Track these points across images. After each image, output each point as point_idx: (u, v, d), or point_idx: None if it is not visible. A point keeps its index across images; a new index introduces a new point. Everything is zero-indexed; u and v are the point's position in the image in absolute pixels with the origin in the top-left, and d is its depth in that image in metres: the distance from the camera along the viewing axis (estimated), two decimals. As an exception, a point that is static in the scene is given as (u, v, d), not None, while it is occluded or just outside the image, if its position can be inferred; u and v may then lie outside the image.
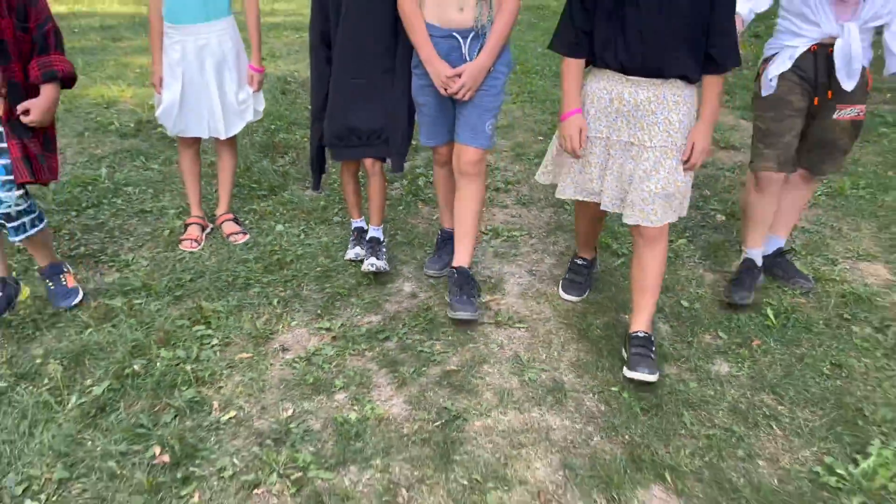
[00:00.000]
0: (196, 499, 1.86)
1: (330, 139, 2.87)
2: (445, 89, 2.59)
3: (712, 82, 2.30)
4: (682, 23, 2.19)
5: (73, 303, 2.76)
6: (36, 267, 2.81)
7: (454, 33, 2.56)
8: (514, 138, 4.67)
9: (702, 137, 2.29)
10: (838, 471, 2.01)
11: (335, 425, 2.14)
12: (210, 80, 3.05)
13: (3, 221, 2.51)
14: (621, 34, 2.26)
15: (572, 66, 2.38)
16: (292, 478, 1.93)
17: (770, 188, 2.79)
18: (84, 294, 2.80)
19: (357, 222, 3.25)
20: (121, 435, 2.05)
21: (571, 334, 2.67)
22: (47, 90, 2.42)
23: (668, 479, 1.98)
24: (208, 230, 3.39)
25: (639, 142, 2.33)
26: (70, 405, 2.17)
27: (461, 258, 2.83)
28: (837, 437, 2.16)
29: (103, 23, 7.59)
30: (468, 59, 2.59)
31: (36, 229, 2.60)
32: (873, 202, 3.85)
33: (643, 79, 2.28)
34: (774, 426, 2.21)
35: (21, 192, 2.46)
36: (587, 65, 2.42)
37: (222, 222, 3.40)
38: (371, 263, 2.96)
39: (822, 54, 2.60)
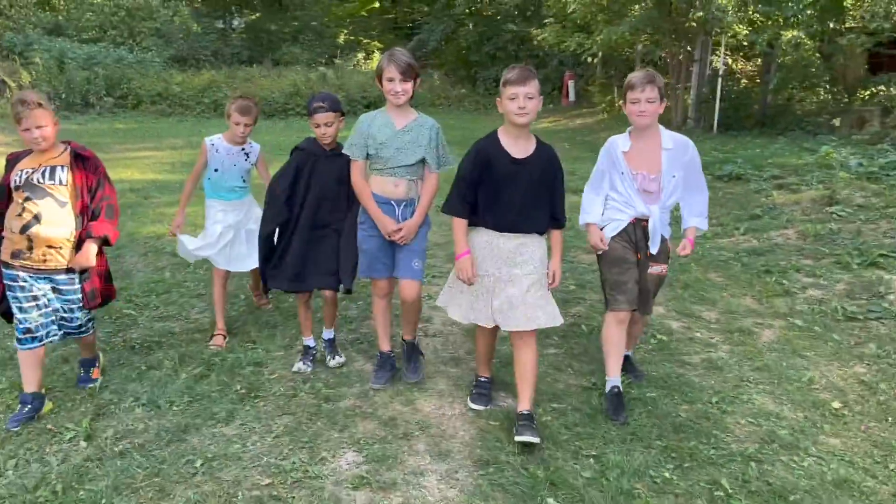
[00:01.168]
0: None
1: (286, 282, 3.83)
2: (389, 236, 3.56)
3: (557, 235, 3.41)
4: (535, 200, 3.27)
5: (89, 386, 3.69)
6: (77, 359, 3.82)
7: (391, 201, 3.58)
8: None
9: (557, 268, 3.33)
10: None
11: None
12: (241, 233, 4.35)
13: (74, 332, 3.53)
14: (497, 206, 3.25)
15: (460, 224, 3.33)
16: None
17: (624, 323, 3.55)
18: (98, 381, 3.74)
19: (307, 340, 4.05)
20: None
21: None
22: (85, 246, 3.36)
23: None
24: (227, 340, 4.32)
25: (513, 275, 3.24)
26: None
27: (408, 334, 3.85)
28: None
29: (133, 186, 9.43)
30: (400, 219, 3.58)
31: (90, 332, 3.65)
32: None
33: (512, 234, 3.27)
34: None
35: (87, 311, 3.54)
36: (469, 223, 3.36)
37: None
38: (338, 360, 3.95)
39: (639, 226, 3.53)
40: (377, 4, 34.10)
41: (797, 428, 3.32)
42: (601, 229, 3.58)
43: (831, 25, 11.10)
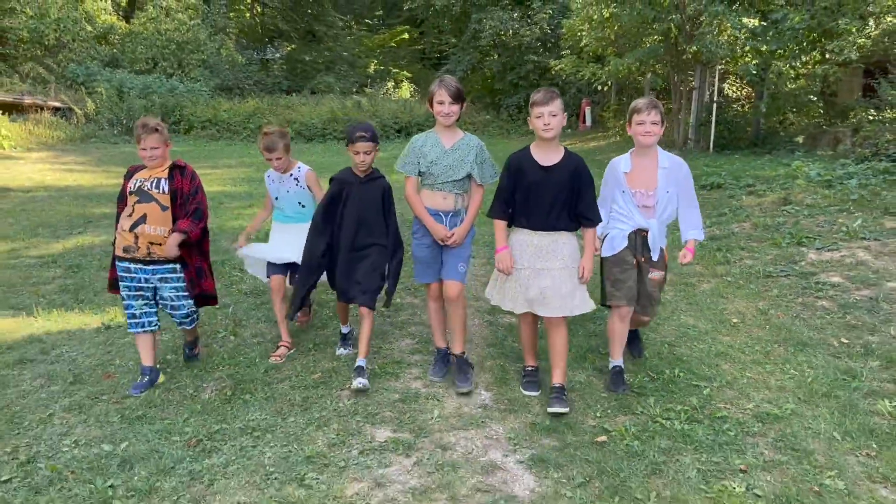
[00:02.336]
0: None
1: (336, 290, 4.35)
2: (442, 241, 4.08)
3: (590, 232, 3.92)
4: (565, 202, 3.81)
5: (195, 357, 4.53)
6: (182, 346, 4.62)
7: (440, 213, 4.10)
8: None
9: (588, 263, 3.86)
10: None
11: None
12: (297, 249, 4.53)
13: (183, 322, 4.26)
14: (530, 208, 3.84)
15: (500, 224, 3.97)
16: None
17: (625, 319, 4.18)
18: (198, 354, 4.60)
19: (344, 328, 4.71)
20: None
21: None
22: (171, 237, 4.00)
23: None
24: (292, 350, 4.71)
25: (547, 268, 3.82)
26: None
27: (457, 347, 4.26)
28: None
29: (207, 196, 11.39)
30: (449, 228, 4.09)
31: (192, 326, 4.38)
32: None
33: (544, 232, 3.85)
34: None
35: (192, 301, 4.24)
36: (509, 224, 4.00)
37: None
38: (360, 382, 4.06)
39: (639, 234, 4.10)
40: (406, 36, 36.21)
41: (703, 331, 5.07)
42: (605, 236, 4.19)
43: (807, 58, 12.82)
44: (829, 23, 12.03)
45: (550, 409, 3.75)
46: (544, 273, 3.80)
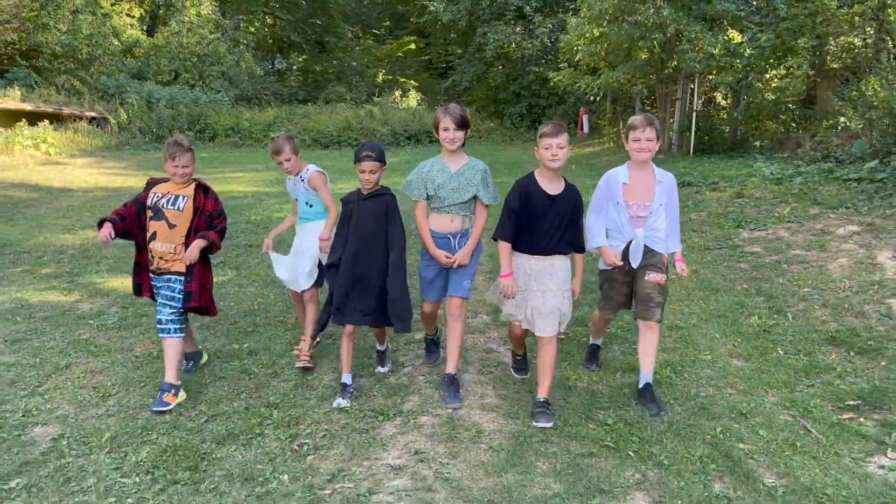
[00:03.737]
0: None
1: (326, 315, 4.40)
2: (445, 266, 4.40)
3: (579, 257, 4.26)
4: (564, 229, 4.13)
5: (162, 409, 4.22)
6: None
7: (448, 235, 4.40)
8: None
9: (578, 285, 4.23)
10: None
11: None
12: (303, 256, 4.93)
13: (160, 327, 4.35)
14: (533, 234, 4.12)
15: (506, 247, 4.18)
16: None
17: (610, 319, 4.92)
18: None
19: (345, 377, 4.46)
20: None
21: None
22: (195, 242, 4.30)
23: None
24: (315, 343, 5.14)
25: (542, 289, 4.11)
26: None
27: (451, 367, 4.47)
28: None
29: (244, 194, 13.27)
30: (456, 248, 4.39)
31: (171, 335, 4.35)
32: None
33: (542, 256, 4.14)
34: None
35: (172, 310, 4.34)
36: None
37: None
38: (383, 368, 4.83)
39: (628, 245, 4.33)
40: (413, 46, 38.20)
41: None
42: (599, 248, 4.40)
43: (774, 72, 14.80)
44: (791, 41, 14.00)
45: (537, 424, 4.04)
46: (538, 294, 4.10)
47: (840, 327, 5.52)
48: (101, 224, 4.35)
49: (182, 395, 4.37)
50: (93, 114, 22.29)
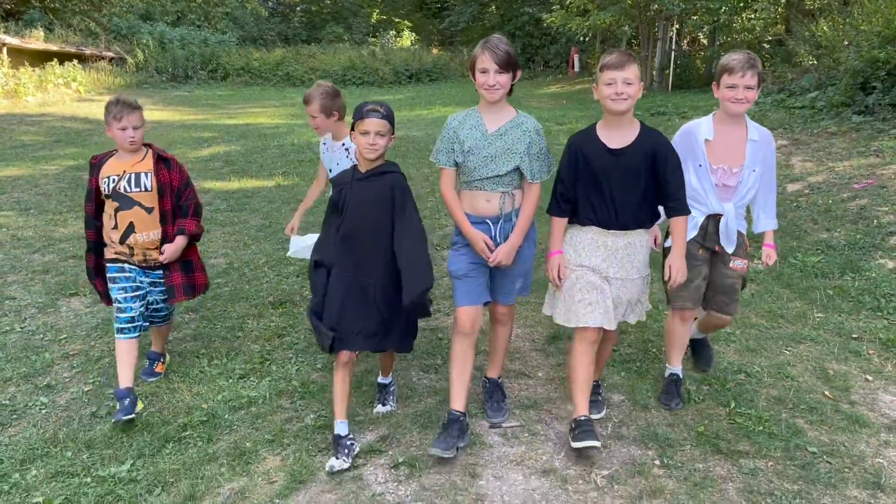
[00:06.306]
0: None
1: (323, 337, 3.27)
2: (485, 255, 3.32)
3: (679, 222, 3.29)
4: (640, 192, 3.24)
5: (151, 380, 4.08)
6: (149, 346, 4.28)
7: (486, 220, 3.35)
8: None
9: (678, 263, 3.32)
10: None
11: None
12: None
13: (160, 321, 4.08)
14: (598, 201, 3.28)
15: (558, 223, 3.40)
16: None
17: (688, 321, 3.78)
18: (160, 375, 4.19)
19: (338, 426, 3.35)
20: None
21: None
22: (177, 240, 3.84)
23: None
24: None
25: (623, 276, 3.34)
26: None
27: (494, 370, 3.78)
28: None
29: (272, 125, 15.41)
30: (499, 239, 3.34)
31: (169, 321, 4.19)
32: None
33: (618, 231, 3.29)
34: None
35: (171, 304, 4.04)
36: (577, 221, 3.40)
37: None
38: (383, 407, 3.74)
39: (712, 219, 3.60)
40: (406, -16, 39.78)
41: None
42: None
43: (745, 14, 17.07)
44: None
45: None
46: (617, 283, 3.36)
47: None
48: (90, 275, 4.01)
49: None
50: (111, 54, 24.21)
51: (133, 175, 3.78)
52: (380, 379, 3.88)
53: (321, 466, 3.31)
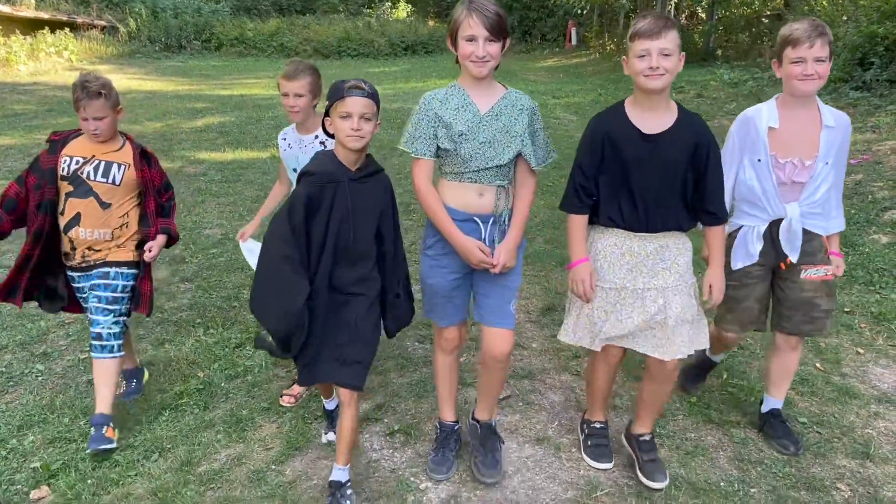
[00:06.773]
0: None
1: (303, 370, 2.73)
2: (476, 266, 2.72)
3: (716, 233, 2.76)
4: (677, 186, 2.66)
5: (96, 448, 3.08)
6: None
7: (475, 217, 2.71)
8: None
9: (717, 280, 2.77)
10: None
11: None
12: None
13: (96, 342, 3.24)
14: (627, 198, 2.68)
15: (577, 222, 2.77)
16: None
17: (731, 346, 3.43)
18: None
19: (328, 402, 3.26)
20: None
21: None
22: (159, 239, 3.38)
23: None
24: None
25: (654, 286, 2.70)
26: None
27: (485, 412, 3.05)
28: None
29: (267, 96, 15.35)
30: (488, 241, 2.73)
31: (115, 356, 3.27)
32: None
33: (648, 234, 2.69)
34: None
35: (111, 319, 3.26)
36: (593, 221, 2.81)
37: None
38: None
39: (775, 229, 2.99)
40: (402, -47, 39.47)
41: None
42: (729, 236, 3.06)
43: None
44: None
45: (653, 484, 2.89)
46: (651, 295, 2.74)
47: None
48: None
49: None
50: (103, 23, 23.94)
51: (103, 163, 3.29)
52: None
53: (317, 434, 3.38)
